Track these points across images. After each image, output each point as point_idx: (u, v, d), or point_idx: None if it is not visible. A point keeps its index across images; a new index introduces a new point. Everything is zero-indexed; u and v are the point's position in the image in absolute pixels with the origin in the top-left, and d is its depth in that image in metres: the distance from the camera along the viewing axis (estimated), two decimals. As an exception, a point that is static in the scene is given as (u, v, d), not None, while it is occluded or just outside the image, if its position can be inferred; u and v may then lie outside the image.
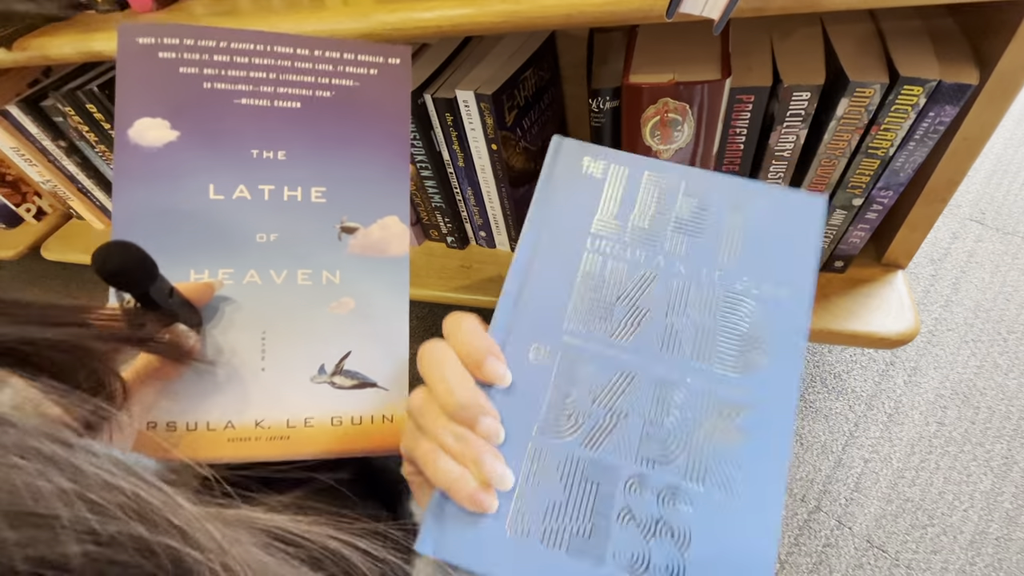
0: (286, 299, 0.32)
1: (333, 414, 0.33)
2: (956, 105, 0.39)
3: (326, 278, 0.32)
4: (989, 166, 0.86)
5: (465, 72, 0.53)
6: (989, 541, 0.56)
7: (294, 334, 0.32)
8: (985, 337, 0.70)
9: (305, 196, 0.32)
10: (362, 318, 0.33)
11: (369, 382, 0.33)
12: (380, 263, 0.33)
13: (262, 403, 0.32)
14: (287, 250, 0.32)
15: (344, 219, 0.32)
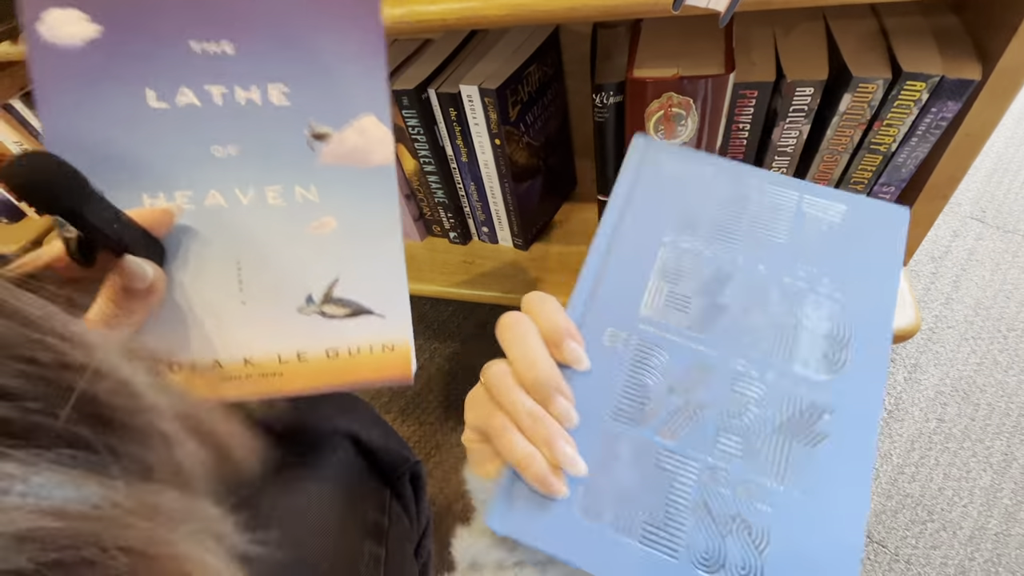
0: (258, 222, 0.28)
1: (328, 346, 0.30)
2: (958, 101, 0.39)
3: (300, 195, 0.29)
4: (990, 165, 0.86)
5: (469, 67, 0.53)
6: (988, 537, 0.57)
7: (272, 262, 0.29)
8: (985, 334, 0.70)
9: (264, 97, 0.27)
10: (347, 238, 0.29)
11: (364, 309, 0.30)
12: (361, 174, 0.29)
13: (248, 339, 0.29)
14: (251, 165, 0.28)
15: (312, 123, 0.28)
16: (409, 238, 0.71)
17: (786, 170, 0.46)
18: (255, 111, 0.27)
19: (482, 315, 0.88)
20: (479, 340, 0.85)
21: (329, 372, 0.31)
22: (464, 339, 0.85)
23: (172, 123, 0.27)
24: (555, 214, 0.68)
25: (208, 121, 0.27)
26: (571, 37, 0.59)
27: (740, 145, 0.44)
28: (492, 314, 0.87)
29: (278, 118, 0.28)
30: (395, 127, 0.57)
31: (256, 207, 0.28)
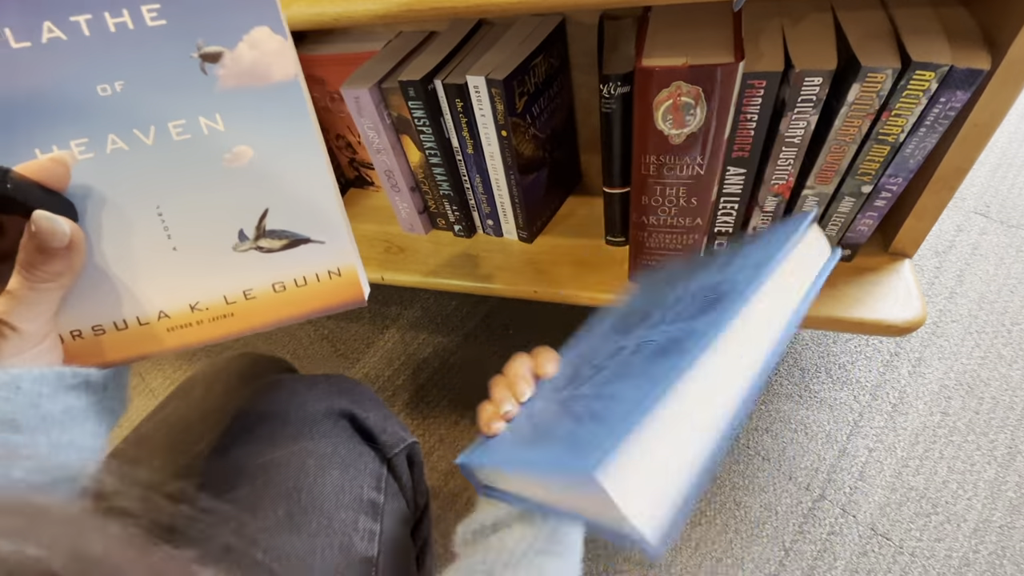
0: (168, 162, 0.27)
1: (273, 280, 0.29)
2: (967, 91, 0.39)
3: (206, 126, 0.27)
4: (994, 160, 0.86)
5: (475, 59, 0.53)
6: (993, 529, 0.57)
7: (194, 202, 0.28)
8: (989, 328, 0.70)
9: (137, 20, 0.25)
10: (267, 166, 0.28)
11: (300, 238, 0.29)
12: (265, 93, 0.27)
13: (189, 285, 0.29)
14: (143, 100, 0.26)
15: (200, 43, 0.26)
16: (414, 231, 0.71)
17: (793, 161, 0.45)
18: (131, 38, 0.25)
19: (486, 309, 0.88)
20: (483, 334, 0.85)
21: (280, 306, 0.30)
22: (468, 333, 0.85)
23: (41, 64, 0.24)
24: (560, 207, 0.68)
25: (81, 56, 0.25)
26: (577, 29, 0.59)
27: (748, 136, 0.44)
28: (496, 307, 0.88)
29: (158, 42, 0.25)
30: (401, 118, 0.57)
31: (162, 146, 0.27)
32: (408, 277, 0.66)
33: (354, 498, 0.35)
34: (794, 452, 0.65)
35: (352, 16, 0.39)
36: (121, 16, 0.25)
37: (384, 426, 0.41)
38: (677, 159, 0.44)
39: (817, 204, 0.49)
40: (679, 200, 0.48)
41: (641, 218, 0.51)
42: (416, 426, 0.77)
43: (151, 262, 0.28)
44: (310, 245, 0.30)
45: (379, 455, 0.40)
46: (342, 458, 0.36)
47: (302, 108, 0.27)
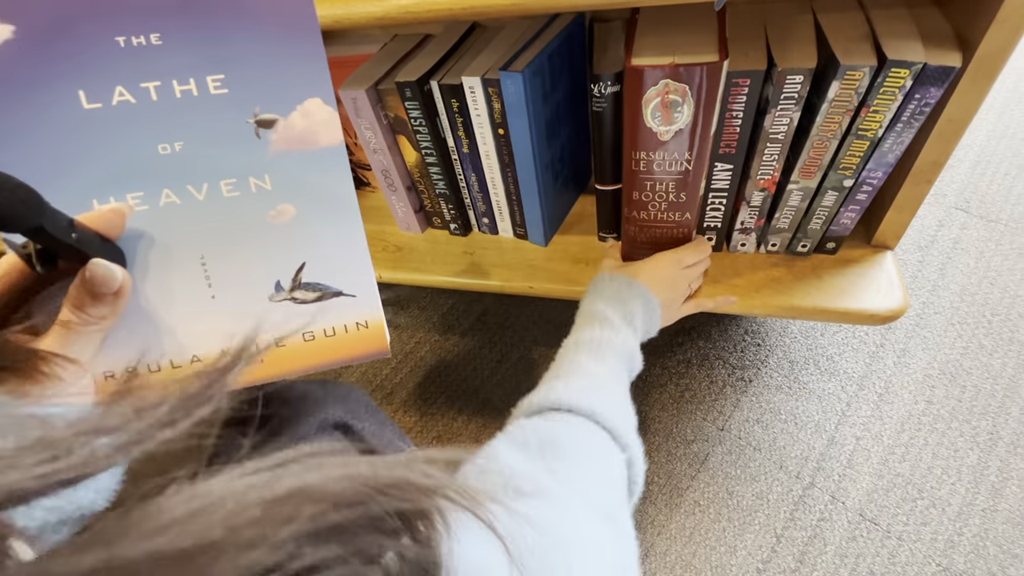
0: (216, 216, 0.29)
1: (303, 330, 0.31)
2: (940, 87, 0.41)
3: (255, 185, 0.29)
4: (973, 157, 0.89)
5: (470, 60, 0.54)
6: (976, 512, 0.58)
7: (236, 254, 0.29)
8: (971, 319, 0.72)
9: (201, 89, 0.27)
10: (308, 224, 0.30)
11: (333, 291, 0.31)
12: (312, 157, 0.29)
13: (223, 331, 0.30)
14: (199, 159, 0.28)
15: (257, 111, 0.28)
16: (410, 230, 0.72)
17: (777, 157, 0.47)
18: (194, 103, 0.27)
19: (481, 308, 0.89)
20: (479, 332, 0.86)
21: (308, 354, 0.32)
22: (464, 331, 0.86)
23: (110, 123, 0.27)
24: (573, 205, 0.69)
25: (147, 118, 0.27)
26: (568, 31, 0.60)
27: (733, 133, 0.45)
28: (492, 306, 0.89)
29: (219, 109, 0.27)
30: (397, 119, 0.58)
31: (212, 201, 0.29)
32: (405, 275, 0.68)
33: None
34: (784, 442, 0.66)
35: (351, 18, 0.41)
36: (188, 84, 0.27)
37: (381, 435, 0.40)
38: (666, 155, 0.46)
39: (802, 198, 0.51)
40: (668, 195, 0.49)
41: (632, 213, 0.52)
42: (413, 424, 0.78)
43: (190, 308, 0.29)
44: (342, 299, 0.31)
45: None
46: None
47: (344, 171, 0.30)
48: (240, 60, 0.27)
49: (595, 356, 0.40)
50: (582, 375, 0.38)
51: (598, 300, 0.45)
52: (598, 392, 0.36)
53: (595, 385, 0.37)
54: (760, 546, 0.60)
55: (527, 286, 0.62)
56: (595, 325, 0.43)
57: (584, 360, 0.39)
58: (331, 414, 0.38)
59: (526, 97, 0.50)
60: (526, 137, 0.53)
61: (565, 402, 0.34)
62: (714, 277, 0.57)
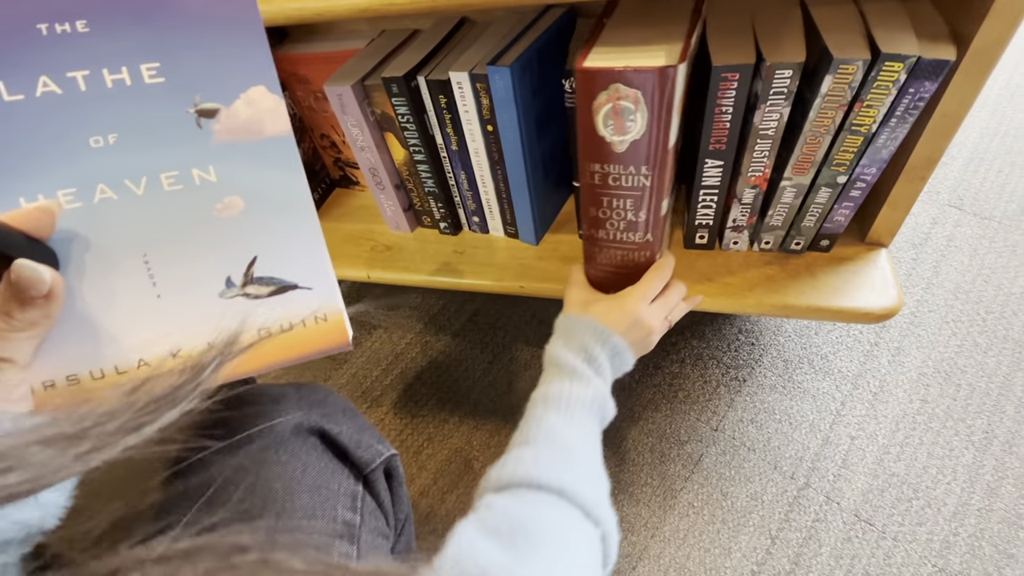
0: (157, 212, 0.27)
1: (258, 326, 0.30)
2: (935, 81, 0.40)
3: (199, 177, 0.27)
4: (967, 154, 0.89)
5: (458, 55, 0.53)
6: (971, 512, 0.58)
7: (182, 250, 0.28)
8: (965, 317, 0.72)
9: (135, 78, 0.25)
10: (257, 216, 0.28)
11: (288, 284, 0.30)
12: (259, 147, 0.28)
13: (171, 332, 0.28)
14: (137, 152, 0.26)
15: (197, 99, 0.26)
16: (399, 229, 0.71)
17: (768, 152, 0.46)
18: (128, 94, 0.25)
19: (473, 307, 0.88)
20: (471, 332, 0.85)
21: (265, 351, 0.30)
22: (456, 331, 0.85)
23: (34, 116, 0.25)
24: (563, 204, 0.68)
25: (76, 110, 0.25)
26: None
27: (723, 129, 0.44)
28: (483, 306, 0.88)
29: (155, 99, 0.26)
30: (384, 116, 0.57)
31: (153, 196, 0.27)
32: (394, 275, 0.66)
33: (327, 522, 0.33)
34: (779, 442, 0.66)
35: (333, 10, 0.40)
36: (120, 73, 0.25)
37: (359, 440, 0.39)
38: (622, 168, 0.42)
39: (795, 195, 0.50)
40: (626, 214, 0.45)
41: (591, 231, 0.49)
42: (404, 426, 0.77)
43: (134, 309, 0.28)
44: (298, 291, 0.30)
45: (354, 472, 0.37)
46: (312, 480, 0.34)
47: (294, 161, 0.29)
48: (176, 47, 0.25)
49: (564, 415, 0.39)
50: (551, 442, 0.37)
51: (566, 349, 0.44)
52: (568, 464, 0.35)
53: (565, 455, 0.36)
54: (755, 548, 0.59)
55: (517, 286, 0.61)
56: (563, 378, 0.42)
57: (553, 421, 0.38)
58: (307, 418, 0.37)
59: (514, 92, 0.49)
60: (515, 133, 0.52)
61: (535, 478, 0.33)
62: (707, 275, 0.56)
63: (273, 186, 0.28)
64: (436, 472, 0.71)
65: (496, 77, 0.48)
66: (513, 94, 0.49)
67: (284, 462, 0.33)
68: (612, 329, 0.44)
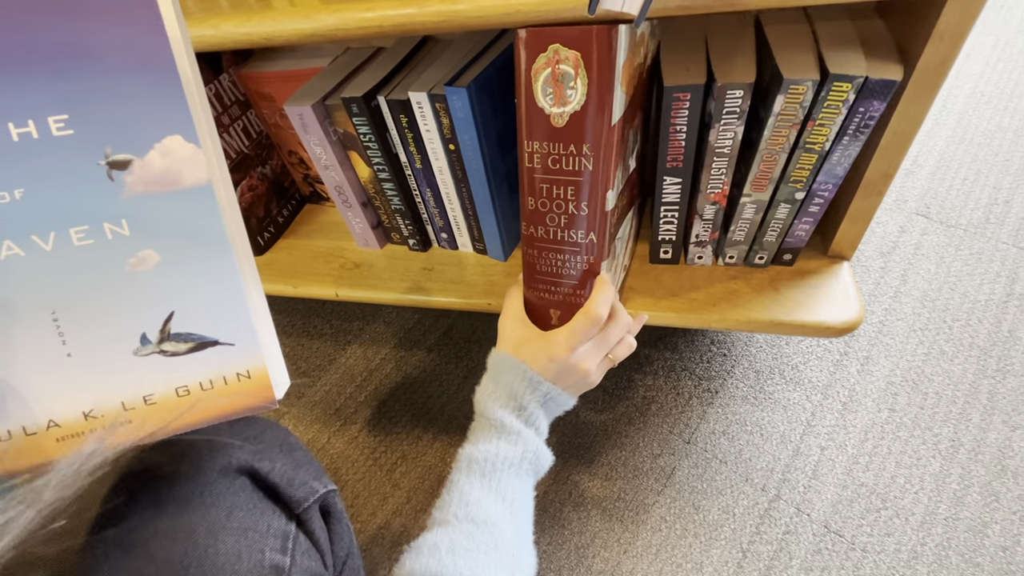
0: (67, 268, 0.26)
1: (176, 384, 0.29)
2: (883, 100, 0.40)
3: (110, 231, 0.26)
4: (933, 163, 0.90)
5: (419, 74, 0.53)
6: (938, 522, 0.58)
7: (92, 307, 0.27)
8: (932, 325, 0.72)
9: (42, 131, 0.25)
10: (175, 270, 0.28)
11: (208, 340, 0.29)
12: (175, 198, 0.27)
13: (83, 392, 0.27)
14: (44, 207, 0.25)
15: (108, 152, 0.26)
16: (368, 246, 0.70)
17: (725, 170, 0.47)
18: (34, 147, 0.25)
19: (448, 323, 0.87)
20: (446, 347, 0.84)
21: (183, 411, 0.29)
22: (430, 347, 0.85)
23: None
24: None
25: None
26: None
27: (679, 147, 0.45)
28: (458, 320, 0.88)
29: (64, 151, 0.25)
30: (347, 134, 0.57)
31: (61, 252, 0.26)
32: (362, 293, 0.66)
33: (253, 566, 0.32)
34: (750, 454, 0.66)
35: (282, 35, 0.39)
36: (26, 127, 0.24)
37: (292, 477, 0.38)
38: (563, 148, 0.39)
39: (755, 211, 0.50)
40: (567, 205, 0.42)
41: (529, 229, 0.44)
42: (378, 444, 0.76)
43: (42, 369, 0.27)
44: (218, 347, 0.29)
45: (285, 512, 0.36)
46: (239, 522, 0.33)
47: (213, 212, 0.27)
48: (86, 98, 0.25)
49: (489, 484, 0.38)
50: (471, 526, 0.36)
51: (494, 398, 0.42)
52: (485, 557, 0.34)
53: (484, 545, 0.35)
54: (726, 562, 0.59)
55: (485, 303, 0.61)
56: (491, 435, 0.40)
57: (477, 494, 0.37)
58: (236, 458, 0.35)
59: (473, 112, 0.49)
60: (477, 152, 0.52)
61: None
62: (672, 290, 0.56)
63: (191, 238, 0.27)
64: (410, 490, 0.71)
65: (454, 97, 0.48)
66: (472, 114, 0.49)
67: (208, 505, 0.32)
68: (542, 376, 0.43)
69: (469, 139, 0.51)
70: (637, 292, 0.57)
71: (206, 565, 0.30)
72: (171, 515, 0.32)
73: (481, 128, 0.50)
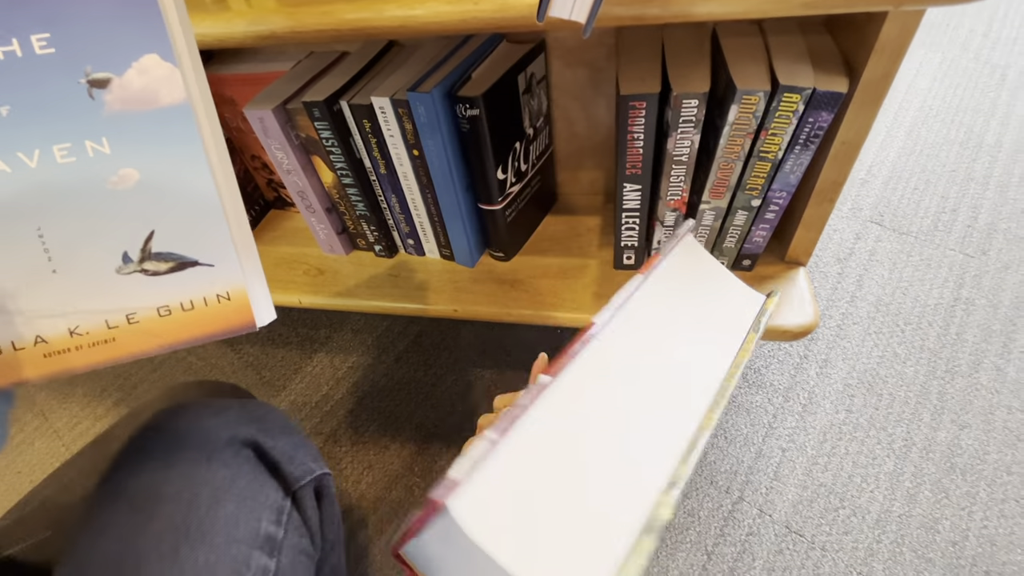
0: (51, 185, 0.27)
1: (158, 304, 0.29)
2: (831, 111, 0.42)
3: (92, 149, 0.27)
4: (886, 173, 0.94)
5: (383, 79, 0.53)
6: (893, 519, 0.60)
7: (77, 224, 0.28)
8: (886, 329, 0.75)
9: (25, 49, 0.25)
10: (154, 189, 0.28)
11: (188, 260, 0.29)
12: (153, 117, 0.27)
13: (68, 309, 0.28)
14: (28, 124, 0.26)
15: (88, 70, 0.26)
16: (334, 252, 0.69)
17: (684, 177, 0.48)
18: (18, 65, 0.25)
19: (417, 329, 0.87)
20: (414, 355, 0.83)
21: (165, 331, 0.30)
22: (399, 355, 0.84)
23: None
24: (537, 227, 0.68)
25: None
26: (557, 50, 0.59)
27: (637, 155, 0.45)
28: (427, 328, 0.87)
29: (47, 69, 0.26)
30: (309, 139, 0.56)
31: (46, 169, 0.27)
32: (326, 300, 0.65)
33: (249, 532, 0.33)
34: (714, 457, 0.67)
35: (235, 36, 0.39)
36: (10, 45, 0.25)
37: (292, 456, 0.39)
38: None
39: (714, 217, 0.52)
40: None
41: None
42: (344, 453, 0.74)
43: (29, 285, 0.27)
44: (198, 268, 0.29)
45: (283, 487, 0.38)
46: (240, 490, 0.35)
47: (191, 131, 0.28)
48: (67, 17, 0.25)
49: None
50: None
51: None
52: None
53: None
54: (692, 565, 0.60)
55: (451, 309, 0.61)
56: None
57: None
58: (242, 431, 0.37)
59: (437, 118, 0.49)
60: (442, 158, 0.52)
61: None
62: (636, 296, 0.57)
63: (170, 157, 0.28)
64: (375, 500, 0.69)
65: (417, 103, 0.48)
66: (436, 120, 0.49)
67: (214, 470, 0.34)
68: None
69: (434, 145, 0.51)
70: (603, 297, 0.58)
71: (205, 525, 0.31)
72: (179, 476, 0.33)
73: (445, 134, 0.50)
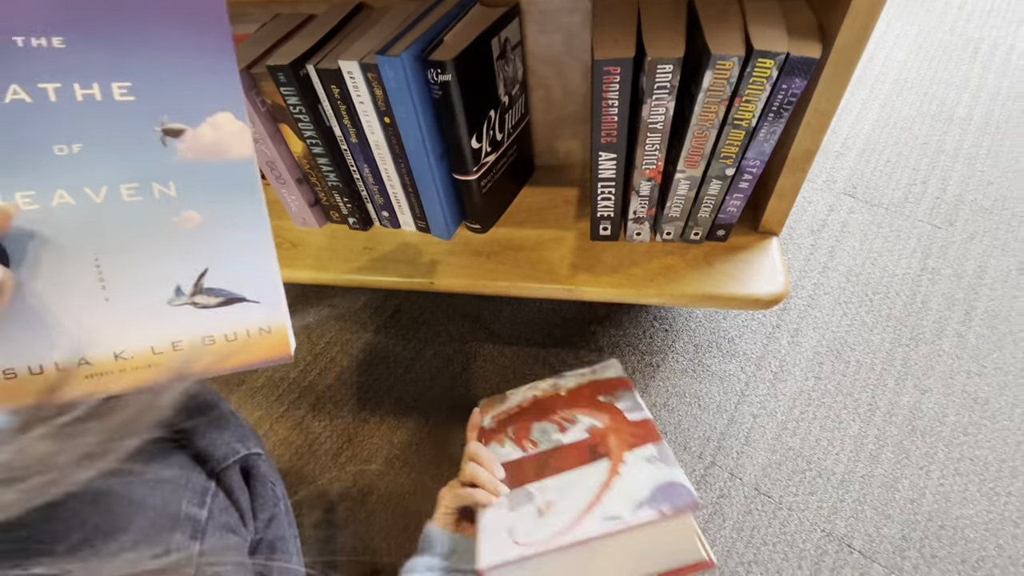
0: (114, 219, 0.29)
1: (203, 334, 0.31)
2: (804, 78, 0.42)
3: (158, 191, 0.29)
4: (860, 145, 0.95)
5: (351, 42, 0.51)
6: (856, 479, 0.63)
7: (134, 257, 0.29)
8: (855, 299, 0.77)
9: (106, 94, 0.27)
10: (214, 231, 0.30)
11: (236, 297, 0.31)
12: (220, 168, 0.30)
13: (116, 334, 0.30)
14: (99, 162, 0.28)
15: (164, 120, 0.28)
16: (307, 225, 0.68)
17: (659, 145, 0.47)
18: (97, 108, 0.27)
19: (396, 303, 0.86)
20: (393, 328, 0.83)
21: (207, 358, 0.32)
22: (377, 329, 0.83)
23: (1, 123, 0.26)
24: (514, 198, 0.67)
25: (43, 119, 0.27)
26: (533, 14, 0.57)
27: (612, 122, 0.45)
28: (405, 302, 0.86)
29: (123, 115, 0.28)
30: (276, 106, 0.54)
31: (111, 204, 0.28)
32: (299, 273, 0.64)
33: (170, 515, 0.34)
34: (689, 424, 0.69)
35: None
36: (91, 89, 0.27)
37: (214, 438, 0.40)
38: None
39: (689, 187, 0.52)
40: None
41: None
42: (323, 428, 0.74)
43: (80, 309, 0.29)
44: (245, 304, 0.32)
45: (206, 469, 0.39)
46: (156, 474, 0.35)
47: (254, 183, 0.30)
48: (149, 69, 0.27)
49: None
50: None
51: None
52: None
53: None
54: (665, 527, 0.62)
55: (427, 282, 0.60)
56: None
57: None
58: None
59: (407, 83, 0.47)
60: (414, 126, 0.51)
61: None
62: (612, 267, 0.57)
63: (231, 205, 0.30)
64: (356, 473, 0.70)
65: (387, 67, 0.46)
66: (407, 85, 0.47)
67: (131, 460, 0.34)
68: None
69: (405, 112, 0.50)
70: (579, 269, 0.58)
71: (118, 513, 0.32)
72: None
73: (417, 100, 0.49)
